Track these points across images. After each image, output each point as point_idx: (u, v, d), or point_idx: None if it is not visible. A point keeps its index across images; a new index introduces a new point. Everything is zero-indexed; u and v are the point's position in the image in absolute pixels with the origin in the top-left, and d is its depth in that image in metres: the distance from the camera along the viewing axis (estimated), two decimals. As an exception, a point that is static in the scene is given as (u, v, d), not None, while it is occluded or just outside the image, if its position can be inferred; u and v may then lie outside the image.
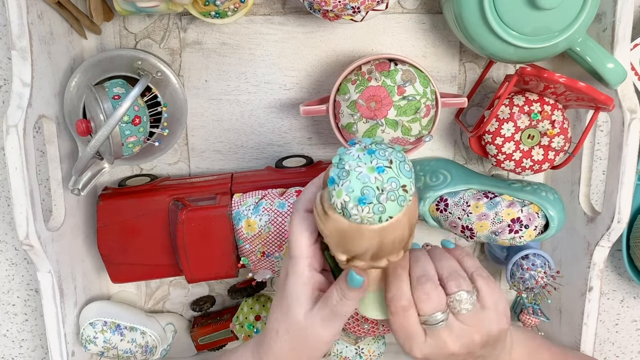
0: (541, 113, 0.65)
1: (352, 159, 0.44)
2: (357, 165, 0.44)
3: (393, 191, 0.44)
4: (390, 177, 0.44)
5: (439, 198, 0.70)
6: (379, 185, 0.43)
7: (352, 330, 0.73)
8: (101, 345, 0.72)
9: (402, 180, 0.44)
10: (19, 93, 0.59)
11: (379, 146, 0.45)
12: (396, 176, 0.44)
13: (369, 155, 0.44)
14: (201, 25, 0.71)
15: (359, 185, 0.43)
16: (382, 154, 0.44)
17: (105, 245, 0.69)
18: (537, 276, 0.71)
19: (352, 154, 0.45)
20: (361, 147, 0.46)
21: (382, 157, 0.44)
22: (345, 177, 0.44)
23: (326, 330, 0.51)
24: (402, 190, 0.44)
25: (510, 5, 0.59)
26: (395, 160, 0.44)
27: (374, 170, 0.44)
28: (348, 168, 0.44)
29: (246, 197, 0.68)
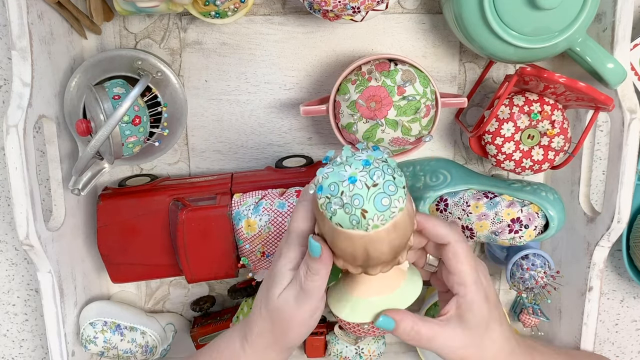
0: (541, 113, 0.65)
1: (342, 173, 0.45)
2: (345, 180, 0.45)
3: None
4: (386, 181, 0.45)
5: (439, 198, 0.70)
6: (379, 190, 0.44)
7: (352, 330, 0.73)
8: (101, 345, 0.72)
9: (398, 180, 0.45)
10: (19, 93, 0.59)
11: (369, 163, 0.46)
12: (392, 179, 0.45)
13: (364, 164, 0.45)
14: (201, 25, 0.71)
15: (364, 193, 0.44)
16: (372, 172, 0.45)
17: (105, 245, 0.69)
18: (537, 276, 0.71)
19: (342, 167, 0.46)
20: (354, 160, 0.46)
21: (370, 175, 0.45)
22: (333, 189, 0.45)
23: (299, 310, 0.51)
24: (402, 188, 0.45)
25: (510, 5, 0.59)
26: (382, 180, 0.45)
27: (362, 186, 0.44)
28: (337, 180, 0.45)
29: (246, 197, 0.68)
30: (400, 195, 0.45)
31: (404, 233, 0.47)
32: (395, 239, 0.46)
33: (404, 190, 0.46)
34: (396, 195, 0.45)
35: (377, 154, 0.47)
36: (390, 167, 0.46)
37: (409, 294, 0.52)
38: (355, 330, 0.72)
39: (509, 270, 0.74)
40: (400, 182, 0.46)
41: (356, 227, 0.45)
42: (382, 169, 0.45)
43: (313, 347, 0.80)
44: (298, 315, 0.51)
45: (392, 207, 0.45)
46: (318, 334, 0.79)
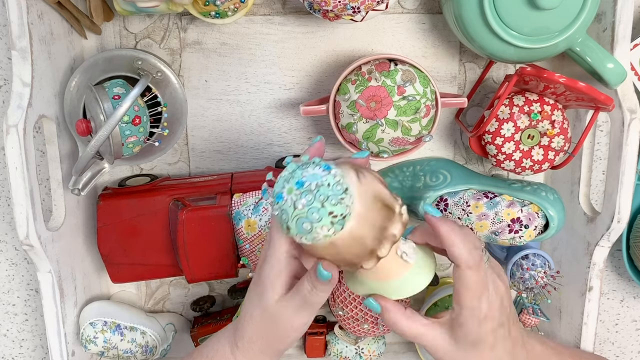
0: (541, 113, 0.65)
1: (285, 186, 0.44)
2: (287, 193, 0.44)
3: (318, 220, 0.43)
4: (311, 208, 0.43)
5: (439, 198, 0.70)
6: (302, 214, 0.43)
7: (352, 330, 0.73)
8: (101, 345, 0.72)
9: (327, 209, 0.43)
10: (19, 93, 0.59)
11: (308, 174, 0.44)
12: (320, 207, 0.43)
13: (297, 186, 0.44)
14: (201, 25, 0.71)
15: (290, 212, 0.44)
16: (302, 195, 0.43)
17: (105, 245, 0.69)
18: (537, 276, 0.71)
19: (281, 182, 0.45)
20: (291, 176, 0.45)
21: (298, 198, 0.43)
22: (279, 202, 0.44)
23: (298, 317, 0.51)
24: (331, 217, 0.43)
25: (510, 5, 0.59)
26: (306, 207, 0.43)
27: (299, 199, 0.43)
28: (281, 192, 0.44)
29: (246, 197, 0.68)
30: (325, 223, 0.43)
31: (351, 249, 0.45)
32: (342, 253, 0.45)
33: (338, 218, 0.43)
34: (320, 223, 0.43)
35: (314, 177, 0.44)
36: (326, 193, 0.43)
37: (409, 284, 0.51)
38: (356, 330, 0.72)
39: (509, 270, 0.74)
40: (338, 209, 0.43)
41: (302, 239, 0.44)
42: (314, 194, 0.43)
43: (313, 347, 0.80)
44: (296, 322, 0.51)
45: (314, 233, 0.43)
46: (318, 334, 0.79)
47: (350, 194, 0.44)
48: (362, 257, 0.46)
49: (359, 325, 0.71)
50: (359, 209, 0.44)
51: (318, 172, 0.44)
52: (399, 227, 0.47)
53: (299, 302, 0.50)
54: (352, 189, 0.44)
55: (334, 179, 0.44)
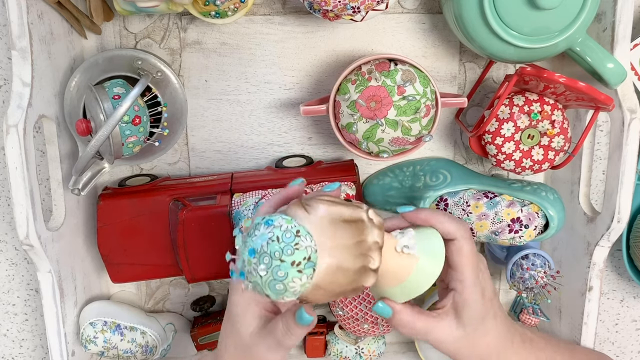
0: (541, 113, 0.65)
1: (245, 251, 0.43)
2: (247, 265, 0.42)
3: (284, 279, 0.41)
4: (273, 269, 0.41)
5: (439, 198, 0.70)
6: (269, 278, 0.42)
7: (352, 330, 0.73)
8: (101, 345, 0.72)
9: (287, 262, 0.41)
10: (19, 93, 0.59)
11: (255, 239, 0.42)
12: (280, 263, 0.41)
13: (250, 256, 0.42)
14: (201, 25, 0.71)
15: (259, 281, 0.42)
16: (259, 263, 0.42)
17: (105, 245, 0.69)
18: (537, 276, 0.71)
19: (240, 257, 0.43)
20: (244, 249, 0.43)
21: (257, 267, 0.42)
22: (245, 278, 0.43)
23: (271, 355, 0.51)
24: (296, 267, 0.41)
25: (510, 5, 0.59)
26: (268, 271, 0.41)
27: (258, 265, 0.42)
28: (242, 269, 0.43)
29: (246, 197, 0.68)
30: (293, 276, 0.41)
31: (338, 281, 0.43)
32: (330, 289, 0.43)
33: (303, 263, 0.41)
34: (288, 278, 0.41)
35: (262, 239, 0.42)
36: (278, 247, 0.41)
37: (423, 275, 0.49)
38: (356, 330, 0.72)
39: (509, 270, 0.74)
40: (298, 255, 0.41)
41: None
42: (269, 254, 0.41)
43: (313, 347, 0.80)
44: (270, 358, 0.51)
45: (290, 289, 0.42)
46: (318, 334, 0.79)
47: (303, 234, 0.42)
48: (354, 280, 0.44)
49: (359, 325, 0.71)
50: (322, 240, 0.42)
51: (263, 231, 0.42)
52: (376, 232, 0.45)
53: (272, 342, 0.50)
54: (304, 227, 0.42)
55: (280, 230, 0.42)
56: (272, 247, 0.41)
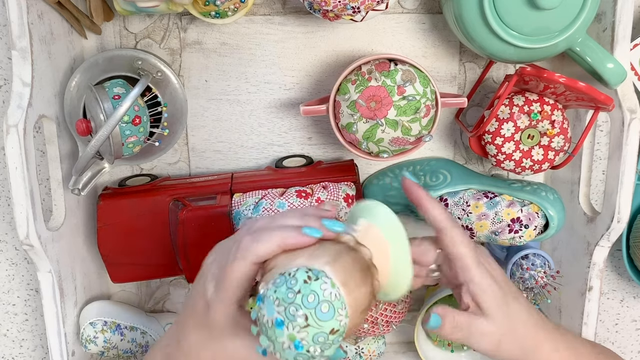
0: (541, 113, 0.65)
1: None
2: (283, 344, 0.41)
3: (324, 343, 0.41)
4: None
5: (439, 198, 0.70)
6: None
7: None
8: (101, 345, 0.72)
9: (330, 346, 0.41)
10: (19, 93, 0.59)
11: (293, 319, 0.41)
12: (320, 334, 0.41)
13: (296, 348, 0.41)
14: (201, 25, 0.71)
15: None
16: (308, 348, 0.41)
17: (105, 245, 0.69)
18: (537, 276, 0.71)
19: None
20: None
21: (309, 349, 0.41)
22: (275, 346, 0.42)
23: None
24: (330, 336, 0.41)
25: (510, 5, 0.59)
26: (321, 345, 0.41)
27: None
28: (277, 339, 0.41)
29: (246, 197, 0.68)
30: (332, 351, 0.42)
31: (359, 321, 0.44)
32: (360, 320, 0.44)
33: (340, 332, 0.41)
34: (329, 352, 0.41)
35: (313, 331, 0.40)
36: (326, 341, 0.41)
37: (400, 270, 0.48)
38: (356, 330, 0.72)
39: (509, 270, 0.74)
40: (338, 334, 0.41)
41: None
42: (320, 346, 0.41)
43: (313, 347, 0.80)
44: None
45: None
46: (318, 334, 0.79)
47: (343, 311, 0.41)
48: (371, 299, 0.45)
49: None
50: (352, 303, 0.42)
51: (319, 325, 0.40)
52: (365, 250, 0.45)
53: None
54: (343, 302, 0.41)
55: (334, 322, 0.41)
56: (322, 344, 0.41)
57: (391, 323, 0.71)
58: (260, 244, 0.46)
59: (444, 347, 0.82)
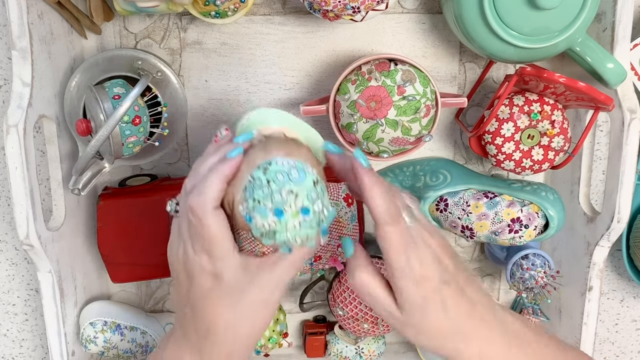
0: (541, 113, 0.65)
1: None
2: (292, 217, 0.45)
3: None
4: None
5: (439, 198, 0.70)
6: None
7: (352, 330, 0.73)
8: (101, 345, 0.72)
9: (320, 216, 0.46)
10: (19, 93, 0.59)
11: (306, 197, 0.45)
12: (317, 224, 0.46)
13: (303, 214, 0.45)
14: (201, 25, 0.71)
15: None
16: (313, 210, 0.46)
17: (105, 245, 0.69)
18: (537, 276, 0.71)
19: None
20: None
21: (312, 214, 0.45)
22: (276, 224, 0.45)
23: (275, 295, 0.51)
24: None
25: (510, 5, 0.59)
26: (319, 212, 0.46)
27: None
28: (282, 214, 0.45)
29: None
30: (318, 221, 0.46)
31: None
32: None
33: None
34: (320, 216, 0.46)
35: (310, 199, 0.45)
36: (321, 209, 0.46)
37: (315, 144, 0.52)
38: (356, 330, 0.72)
39: (509, 270, 0.74)
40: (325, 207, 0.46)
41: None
42: (316, 214, 0.45)
43: (313, 347, 0.80)
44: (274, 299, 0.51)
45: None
46: (318, 334, 0.79)
47: (307, 166, 0.46)
48: (318, 161, 0.50)
49: (359, 325, 0.71)
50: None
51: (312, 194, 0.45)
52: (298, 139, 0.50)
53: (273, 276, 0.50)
54: (300, 162, 0.46)
55: (319, 188, 0.46)
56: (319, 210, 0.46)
57: (391, 323, 0.71)
58: (208, 190, 0.47)
59: (444, 347, 0.82)
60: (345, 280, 0.71)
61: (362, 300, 0.50)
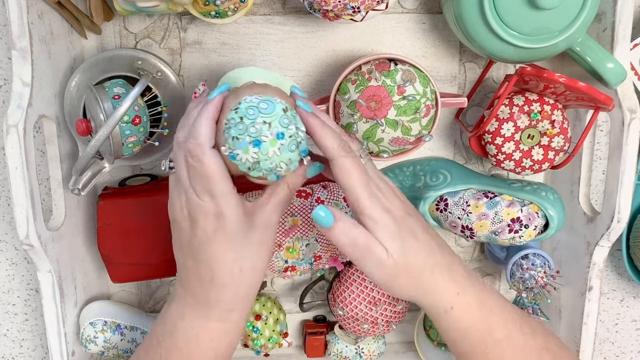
0: (541, 113, 0.65)
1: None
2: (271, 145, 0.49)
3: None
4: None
5: (439, 198, 0.70)
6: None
7: (352, 330, 0.73)
8: (101, 345, 0.72)
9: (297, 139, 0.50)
10: (19, 93, 0.59)
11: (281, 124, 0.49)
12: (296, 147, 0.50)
13: (278, 138, 0.49)
14: (201, 25, 0.71)
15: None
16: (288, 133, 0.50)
17: (105, 245, 0.69)
18: (537, 276, 0.71)
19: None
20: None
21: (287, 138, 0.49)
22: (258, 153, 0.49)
23: (275, 215, 0.55)
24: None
25: (510, 5, 0.59)
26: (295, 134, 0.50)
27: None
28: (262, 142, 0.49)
29: (246, 197, 0.68)
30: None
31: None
32: None
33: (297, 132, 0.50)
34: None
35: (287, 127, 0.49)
36: (297, 133, 0.50)
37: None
38: (355, 330, 0.72)
39: (509, 270, 0.74)
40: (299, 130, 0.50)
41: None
42: (293, 136, 0.50)
43: (313, 347, 0.80)
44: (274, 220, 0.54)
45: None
46: (318, 334, 0.79)
47: (274, 98, 0.50)
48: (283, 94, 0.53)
49: (359, 325, 0.71)
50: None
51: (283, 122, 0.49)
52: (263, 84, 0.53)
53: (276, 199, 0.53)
54: (267, 96, 0.50)
55: (290, 117, 0.50)
56: (296, 133, 0.50)
57: (391, 323, 0.71)
58: (201, 132, 0.49)
59: (444, 347, 0.82)
60: (345, 280, 0.71)
61: (347, 255, 0.51)
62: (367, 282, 0.70)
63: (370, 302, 0.69)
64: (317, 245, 0.67)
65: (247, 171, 0.50)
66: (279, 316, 0.76)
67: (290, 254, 0.66)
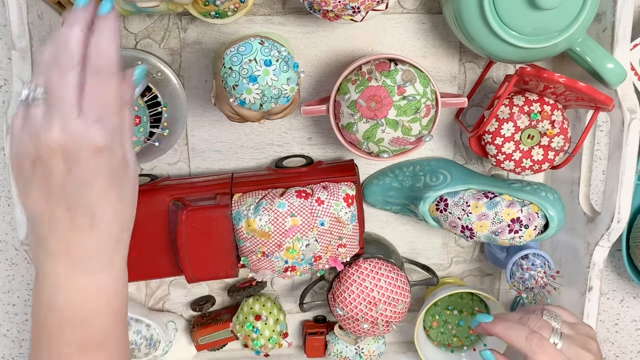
0: (541, 113, 0.65)
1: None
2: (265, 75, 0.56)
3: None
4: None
5: (439, 198, 0.70)
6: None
7: (352, 330, 0.73)
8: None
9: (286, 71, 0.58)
10: (19, 93, 0.59)
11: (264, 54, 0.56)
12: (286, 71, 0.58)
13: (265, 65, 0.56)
14: (201, 25, 0.71)
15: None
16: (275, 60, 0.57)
17: (105, 245, 0.69)
18: (537, 276, 0.71)
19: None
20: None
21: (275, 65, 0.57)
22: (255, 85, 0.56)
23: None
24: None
25: (510, 5, 0.59)
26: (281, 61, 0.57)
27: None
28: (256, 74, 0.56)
29: (246, 197, 0.68)
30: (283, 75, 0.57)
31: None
32: None
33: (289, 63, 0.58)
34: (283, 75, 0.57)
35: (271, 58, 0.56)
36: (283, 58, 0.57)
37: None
38: (355, 330, 0.72)
39: (509, 270, 0.74)
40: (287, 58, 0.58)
41: None
42: (280, 63, 0.57)
43: (313, 347, 0.80)
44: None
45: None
46: (318, 334, 0.79)
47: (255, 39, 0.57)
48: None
49: (359, 325, 0.71)
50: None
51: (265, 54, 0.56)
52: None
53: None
54: (250, 41, 0.56)
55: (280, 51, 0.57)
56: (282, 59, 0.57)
57: (391, 323, 0.71)
58: (111, 53, 0.42)
59: (444, 347, 0.82)
60: (345, 280, 0.71)
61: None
62: (367, 282, 0.70)
63: (370, 302, 0.69)
64: (317, 245, 0.67)
65: (261, 109, 0.56)
66: (279, 316, 0.76)
67: (290, 254, 0.66)
